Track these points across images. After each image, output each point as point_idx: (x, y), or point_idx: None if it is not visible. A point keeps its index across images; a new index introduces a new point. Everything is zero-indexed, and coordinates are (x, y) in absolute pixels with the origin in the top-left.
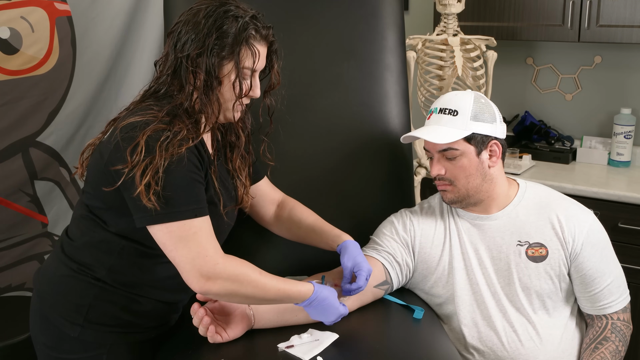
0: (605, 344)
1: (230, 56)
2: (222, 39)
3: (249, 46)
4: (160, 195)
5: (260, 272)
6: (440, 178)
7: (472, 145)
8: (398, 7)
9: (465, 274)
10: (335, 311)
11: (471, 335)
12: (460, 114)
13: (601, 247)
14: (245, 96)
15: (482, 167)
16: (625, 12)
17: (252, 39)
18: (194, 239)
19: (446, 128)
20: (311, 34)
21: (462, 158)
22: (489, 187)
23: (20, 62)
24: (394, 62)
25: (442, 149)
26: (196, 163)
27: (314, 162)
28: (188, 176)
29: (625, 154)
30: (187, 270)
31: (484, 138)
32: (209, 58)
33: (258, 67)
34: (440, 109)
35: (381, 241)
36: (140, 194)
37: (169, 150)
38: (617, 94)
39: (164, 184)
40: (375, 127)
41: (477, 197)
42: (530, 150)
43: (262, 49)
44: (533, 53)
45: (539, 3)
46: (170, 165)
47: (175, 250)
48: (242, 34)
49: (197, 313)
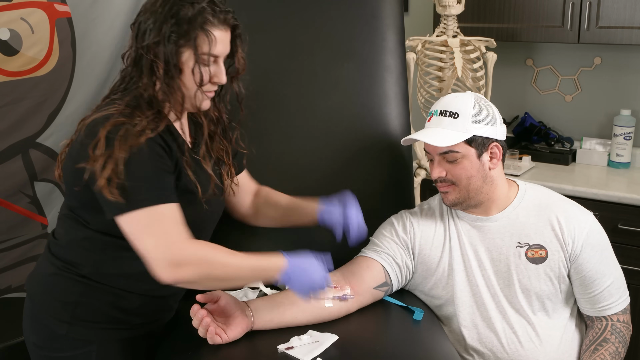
0: (605, 345)
1: (187, 43)
2: (179, 25)
3: (205, 32)
4: (122, 187)
5: (230, 252)
6: (442, 180)
7: (473, 147)
8: (398, 8)
9: (465, 276)
10: (317, 270)
11: (471, 337)
12: (460, 116)
13: (601, 249)
14: (209, 83)
15: (483, 169)
16: (624, 14)
17: (208, 23)
18: (159, 226)
19: (447, 130)
20: (311, 35)
21: (463, 160)
22: (489, 189)
23: (20, 64)
24: (394, 63)
25: (443, 152)
26: (159, 152)
27: (313, 163)
28: (150, 165)
29: (625, 155)
30: (154, 259)
31: (485, 140)
32: (166, 46)
33: (218, 52)
34: (440, 111)
35: (381, 242)
36: (103, 188)
37: (127, 142)
38: (617, 95)
39: (125, 175)
40: (375, 128)
41: (478, 199)
42: (530, 151)
43: (221, 33)
44: (533, 54)
45: (539, 4)
46: (131, 156)
47: (141, 240)
48: (198, 18)
49: (197, 314)
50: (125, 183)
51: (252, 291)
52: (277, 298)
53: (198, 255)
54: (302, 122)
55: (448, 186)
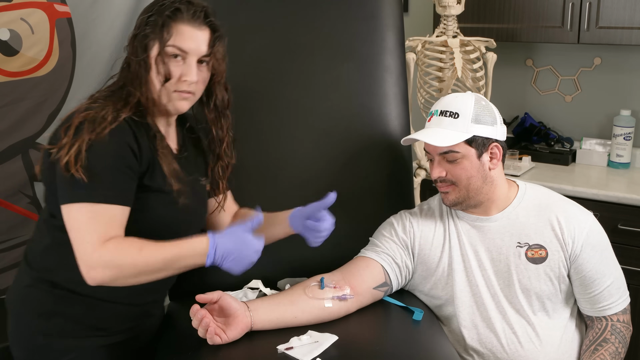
0: (605, 345)
1: (154, 34)
2: (152, 18)
3: (174, 25)
4: (78, 175)
5: (142, 246)
6: (442, 180)
7: (473, 147)
8: (397, 8)
9: (465, 276)
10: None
11: (471, 337)
12: (461, 116)
13: (601, 249)
14: (179, 81)
15: (483, 169)
16: (624, 14)
17: (179, 17)
18: (89, 225)
19: (447, 130)
20: (310, 36)
21: (463, 160)
22: (489, 189)
23: (20, 64)
24: (394, 63)
25: (443, 152)
26: (124, 151)
27: (313, 164)
28: (109, 162)
29: (624, 156)
30: (77, 259)
31: (485, 140)
32: (139, 40)
33: (188, 48)
34: (441, 111)
35: (380, 243)
36: (63, 170)
37: (94, 131)
38: (617, 95)
39: (83, 164)
40: (375, 128)
41: (478, 199)
42: (530, 151)
43: (193, 30)
44: (533, 55)
45: (539, 5)
46: (94, 146)
47: (71, 235)
48: (168, 11)
49: (196, 314)
50: (81, 173)
51: (252, 291)
52: (276, 298)
53: (105, 258)
54: (302, 122)
55: (448, 186)
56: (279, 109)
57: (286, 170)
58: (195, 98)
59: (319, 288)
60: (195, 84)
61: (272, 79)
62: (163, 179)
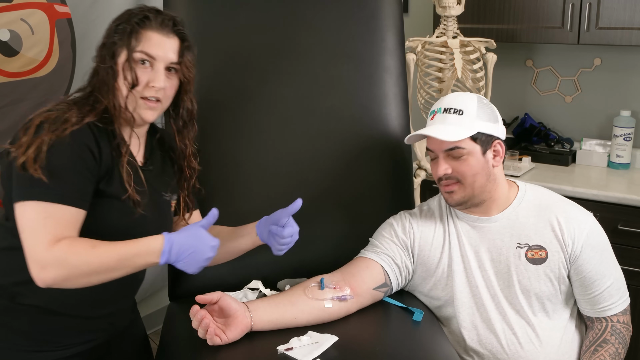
0: (605, 346)
1: (122, 40)
2: (121, 26)
3: (143, 32)
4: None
5: (95, 244)
6: (447, 177)
7: (478, 144)
8: (397, 9)
9: (465, 277)
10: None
11: (471, 338)
12: (465, 113)
13: (601, 249)
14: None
15: (487, 166)
16: (624, 15)
17: (147, 25)
18: (41, 225)
19: (453, 127)
20: (310, 36)
21: (469, 157)
22: (492, 187)
23: (20, 64)
24: (394, 64)
25: (449, 148)
26: (84, 153)
27: (313, 164)
28: (67, 163)
29: (624, 156)
30: (27, 258)
31: (488, 138)
32: (107, 47)
33: (155, 54)
34: (444, 109)
35: (380, 243)
36: (19, 168)
37: (55, 131)
38: (617, 96)
39: (42, 164)
40: (375, 129)
41: (481, 198)
42: (530, 152)
43: (161, 37)
44: (533, 55)
45: (539, 5)
46: (54, 145)
47: (22, 234)
48: (136, 18)
49: (196, 315)
50: (37, 171)
51: (252, 292)
52: (276, 299)
53: (56, 257)
54: (302, 122)
55: (453, 185)
56: (279, 110)
57: (285, 171)
58: (162, 108)
59: (318, 289)
60: (163, 91)
61: (272, 79)
62: (121, 187)
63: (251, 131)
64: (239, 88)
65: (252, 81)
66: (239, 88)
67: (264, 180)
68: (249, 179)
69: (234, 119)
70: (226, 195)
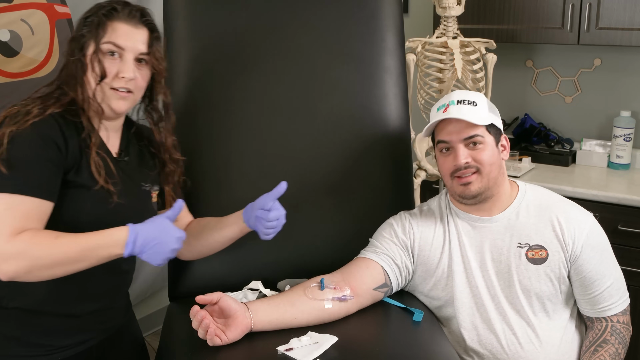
0: (605, 346)
1: (90, 32)
2: (89, 19)
3: (110, 23)
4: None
5: (56, 237)
6: (467, 167)
7: (492, 135)
8: (397, 9)
9: (465, 277)
10: (171, 235)
11: (471, 338)
12: (479, 105)
13: (601, 250)
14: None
15: (499, 158)
16: (624, 15)
17: (115, 17)
18: (2, 216)
19: (470, 114)
20: (310, 36)
21: (486, 146)
22: (501, 181)
23: (20, 65)
24: (394, 64)
25: (469, 136)
26: (47, 144)
27: (313, 165)
28: (29, 154)
29: (624, 157)
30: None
31: (498, 130)
32: (76, 40)
33: (123, 45)
34: (458, 100)
35: (380, 244)
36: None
37: (16, 123)
38: (617, 96)
39: (3, 156)
40: (375, 129)
41: (493, 191)
42: (530, 152)
43: (129, 28)
44: (533, 56)
45: (539, 6)
46: (15, 137)
47: None
48: (104, 10)
49: (196, 315)
50: None
51: (252, 292)
52: (276, 299)
53: (18, 249)
54: (302, 123)
55: (471, 175)
56: (279, 110)
57: (285, 172)
58: (134, 99)
59: (319, 289)
60: (133, 82)
61: (272, 79)
62: (91, 178)
63: (251, 132)
64: (238, 88)
65: (252, 82)
66: (238, 88)
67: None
68: (248, 179)
69: (234, 120)
70: (226, 197)
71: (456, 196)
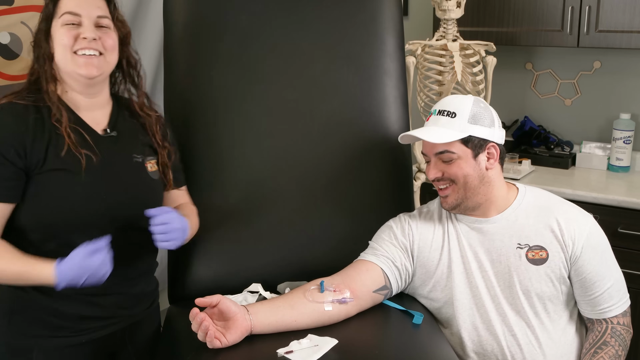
0: (605, 348)
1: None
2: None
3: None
4: None
5: None
6: (439, 179)
7: (469, 148)
8: (397, 12)
9: (464, 278)
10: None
11: (471, 339)
12: (458, 116)
13: (601, 251)
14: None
15: (479, 168)
16: (624, 18)
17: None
18: None
19: (443, 129)
20: (310, 39)
21: (459, 161)
22: (487, 189)
23: (20, 67)
24: (393, 67)
25: (439, 151)
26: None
27: (312, 167)
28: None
29: (624, 159)
30: None
31: (482, 141)
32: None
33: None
34: (439, 111)
35: (380, 246)
36: None
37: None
38: (617, 99)
39: None
40: (375, 132)
41: (475, 200)
42: (530, 155)
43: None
44: (532, 58)
45: (538, 8)
46: None
47: None
48: None
49: (196, 318)
50: None
51: (252, 295)
52: (276, 302)
53: None
54: (302, 125)
55: (447, 188)
56: (278, 113)
57: (285, 174)
58: (106, 63)
59: (318, 291)
60: (99, 43)
61: (272, 82)
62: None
63: (251, 134)
64: (238, 91)
65: (252, 84)
66: (238, 91)
67: (262, 183)
68: (248, 181)
69: (234, 122)
70: (225, 198)
71: None
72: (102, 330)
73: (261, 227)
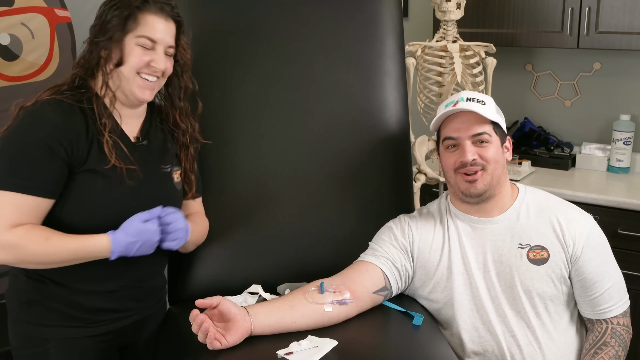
0: (605, 349)
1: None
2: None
3: (142, 16)
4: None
5: (47, 236)
6: (473, 163)
7: (498, 135)
8: (397, 13)
9: (465, 278)
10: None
11: (471, 340)
12: (487, 104)
13: (601, 251)
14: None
15: (503, 157)
16: (624, 19)
17: (147, 9)
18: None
19: (481, 109)
20: (310, 40)
21: (491, 145)
22: (504, 181)
23: (20, 69)
24: (393, 68)
25: (477, 133)
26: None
27: (312, 169)
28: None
29: (624, 160)
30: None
31: (504, 133)
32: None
33: (156, 38)
34: (467, 98)
35: (380, 247)
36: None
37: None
38: (616, 100)
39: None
40: (375, 133)
41: (496, 190)
42: (530, 156)
43: (159, 21)
44: (532, 59)
45: (538, 10)
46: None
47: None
48: (136, 2)
49: (196, 319)
50: None
51: (252, 296)
52: (276, 303)
53: (10, 241)
54: (301, 126)
55: (476, 173)
56: (279, 114)
57: (285, 175)
58: (159, 86)
59: (318, 293)
60: (162, 72)
61: (272, 83)
62: (102, 162)
63: (251, 135)
64: (238, 92)
65: (252, 85)
66: (238, 92)
67: (262, 183)
68: (248, 182)
69: (234, 123)
70: (226, 199)
71: (459, 193)
72: (117, 323)
73: (261, 228)
